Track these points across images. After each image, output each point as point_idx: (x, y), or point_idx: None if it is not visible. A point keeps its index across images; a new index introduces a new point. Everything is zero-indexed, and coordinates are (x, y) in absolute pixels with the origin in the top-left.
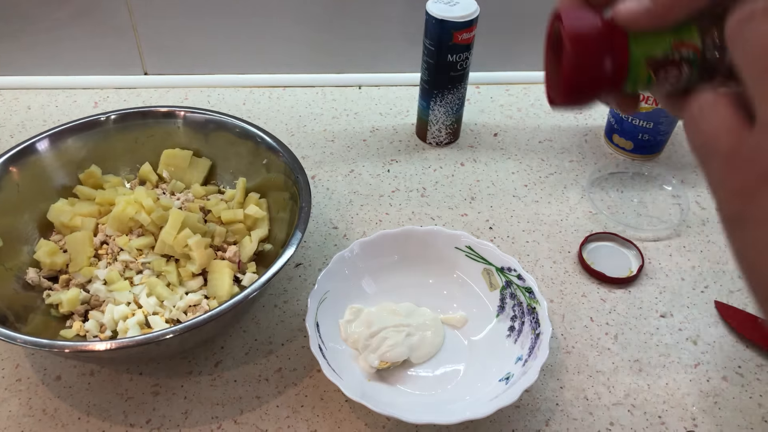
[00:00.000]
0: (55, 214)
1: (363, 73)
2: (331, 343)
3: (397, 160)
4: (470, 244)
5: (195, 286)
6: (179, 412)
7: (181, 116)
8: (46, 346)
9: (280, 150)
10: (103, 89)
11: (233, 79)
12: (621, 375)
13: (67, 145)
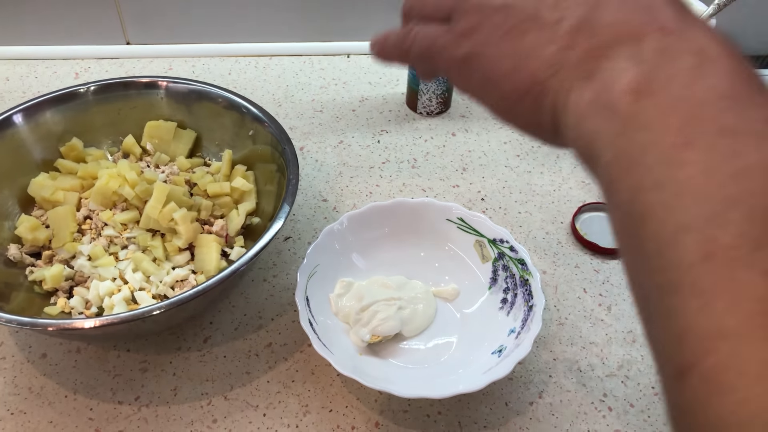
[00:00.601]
0: (36, 189)
1: (352, 41)
2: (321, 317)
3: (387, 130)
4: (462, 216)
5: (182, 260)
6: (168, 389)
7: (163, 87)
8: (29, 325)
9: (266, 121)
10: (84, 59)
11: (218, 48)
12: (614, 346)
13: (46, 118)
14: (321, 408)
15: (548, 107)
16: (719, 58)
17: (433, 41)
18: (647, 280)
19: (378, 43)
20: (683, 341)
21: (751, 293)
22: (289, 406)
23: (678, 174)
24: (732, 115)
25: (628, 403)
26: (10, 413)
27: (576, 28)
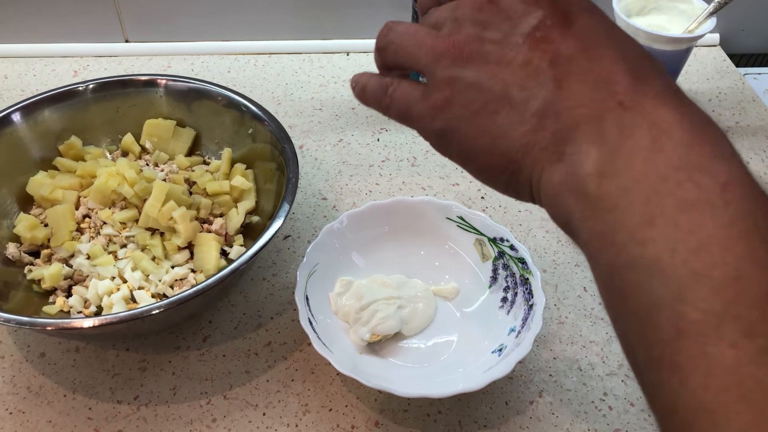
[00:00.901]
0: (34, 187)
1: (351, 39)
2: (321, 316)
3: (386, 128)
4: (462, 215)
5: (181, 259)
6: (167, 388)
7: (162, 85)
8: (28, 324)
9: (266, 119)
10: (83, 57)
11: (217, 46)
12: (615, 345)
13: (45, 116)
14: (321, 407)
15: (524, 182)
16: (673, 128)
17: (409, 108)
18: (634, 350)
19: (358, 89)
20: (671, 415)
21: (722, 366)
22: (288, 406)
23: (645, 253)
24: (689, 187)
25: (628, 402)
26: (9, 413)
27: (542, 110)
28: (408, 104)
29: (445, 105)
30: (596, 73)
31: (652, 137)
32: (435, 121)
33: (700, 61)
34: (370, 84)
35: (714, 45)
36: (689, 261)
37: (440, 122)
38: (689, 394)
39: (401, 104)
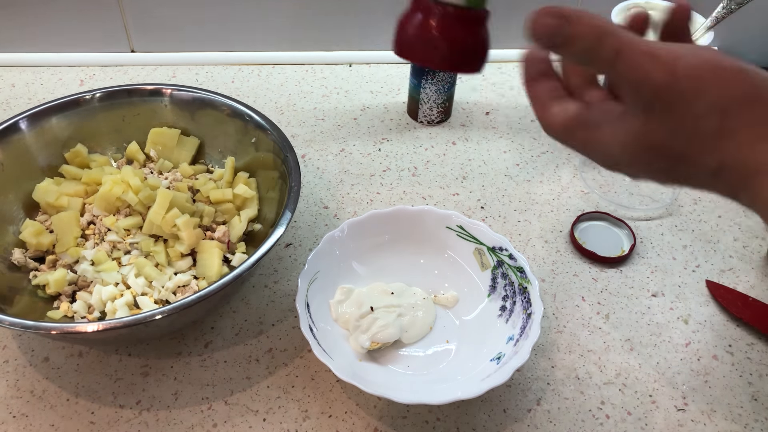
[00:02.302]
0: (40, 194)
1: (353, 50)
2: (321, 323)
3: (388, 139)
4: (461, 224)
5: (184, 266)
6: (169, 393)
7: (167, 94)
8: (33, 328)
9: (269, 128)
10: (89, 67)
11: (222, 56)
12: (612, 354)
13: (52, 124)
14: (320, 413)
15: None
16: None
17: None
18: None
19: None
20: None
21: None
22: (288, 411)
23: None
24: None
25: (625, 411)
26: (12, 416)
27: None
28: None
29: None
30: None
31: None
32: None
33: None
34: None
35: None
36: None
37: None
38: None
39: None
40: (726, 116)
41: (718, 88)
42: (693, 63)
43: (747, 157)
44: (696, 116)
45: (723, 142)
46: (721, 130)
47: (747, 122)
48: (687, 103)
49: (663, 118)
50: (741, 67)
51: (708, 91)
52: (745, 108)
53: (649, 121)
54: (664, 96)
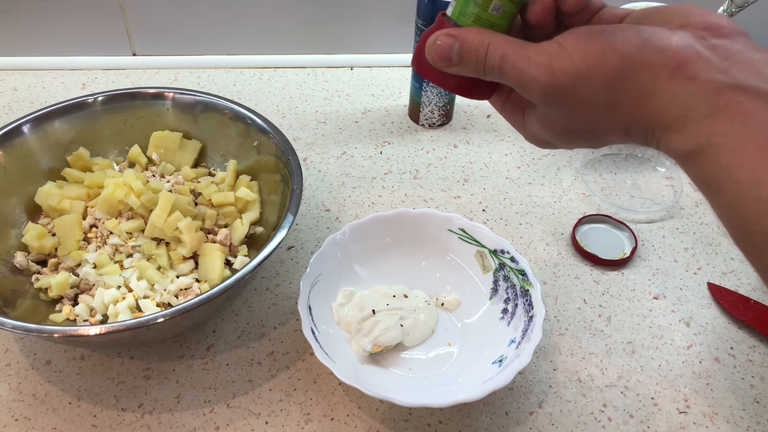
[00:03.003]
0: (43, 197)
1: (355, 53)
2: (323, 326)
3: (389, 142)
4: (463, 227)
5: (186, 269)
6: (171, 396)
7: (170, 98)
8: (35, 331)
9: (271, 132)
10: (91, 70)
11: (223, 60)
12: (614, 357)
13: (54, 127)
14: (322, 416)
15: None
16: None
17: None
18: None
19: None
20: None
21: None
22: (291, 414)
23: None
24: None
25: (627, 414)
26: (15, 419)
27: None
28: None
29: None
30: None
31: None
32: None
33: None
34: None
35: None
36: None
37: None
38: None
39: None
40: (609, 91)
41: (591, 75)
42: (566, 59)
43: (641, 119)
44: (583, 101)
45: (617, 112)
46: (611, 103)
47: (629, 90)
48: (570, 94)
49: (557, 108)
50: (608, 44)
51: (585, 78)
52: (618, 81)
53: (548, 112)
54: (549, 92)
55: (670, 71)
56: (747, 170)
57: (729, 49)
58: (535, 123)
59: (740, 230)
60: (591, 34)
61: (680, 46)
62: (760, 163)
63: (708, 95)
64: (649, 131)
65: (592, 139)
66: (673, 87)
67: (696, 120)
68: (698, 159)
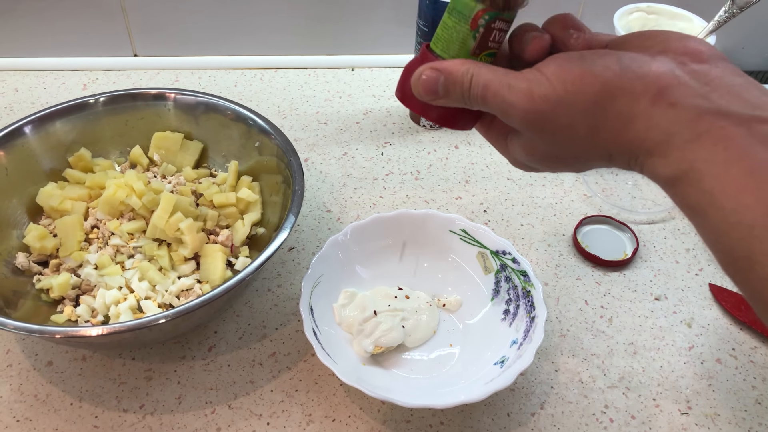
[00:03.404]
0: (44, 198)
1: (356, 54)
2: (325, 327)
3: (390, 142)
4: (465, 228)
5: (187, 270)
6: (173, 397)
7: (171, 98)
8: (37, 332)
9: (272, 132)
10: (92, 71)
11: (224, 60)
12: (616, 358)
13: (56, 128)
14: (324, 417)
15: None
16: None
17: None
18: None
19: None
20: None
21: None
22: (292, 415)
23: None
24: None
25: (629, 415)
26: (16, 420)
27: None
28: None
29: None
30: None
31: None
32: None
33: None
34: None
35: None
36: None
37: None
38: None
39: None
40: (590, 117)
41: (570, 101)
42: (545, 86)
43: (623, 144)
44: (564, 127)
45: (598, 138)
46: (592, 129)
47: (609, 116)
48: (550, 120)
49: (538, 134)
50: (587, 70)
51: (564, 104)
52: (598, 107)
53: (530, 138)
54: (529, 118)
55: (650, 97)
56: (730, 196)
57: (709, 75)
58: (518, 149)
59: (726, 255)
60: (571, 61)
61: (660, 72)
62: (743, 189)
63: (689, 121)
64: (632, 157)
65: (575, 164)
66: (654, 113)
67: (678, 146)
68: (681, 184)
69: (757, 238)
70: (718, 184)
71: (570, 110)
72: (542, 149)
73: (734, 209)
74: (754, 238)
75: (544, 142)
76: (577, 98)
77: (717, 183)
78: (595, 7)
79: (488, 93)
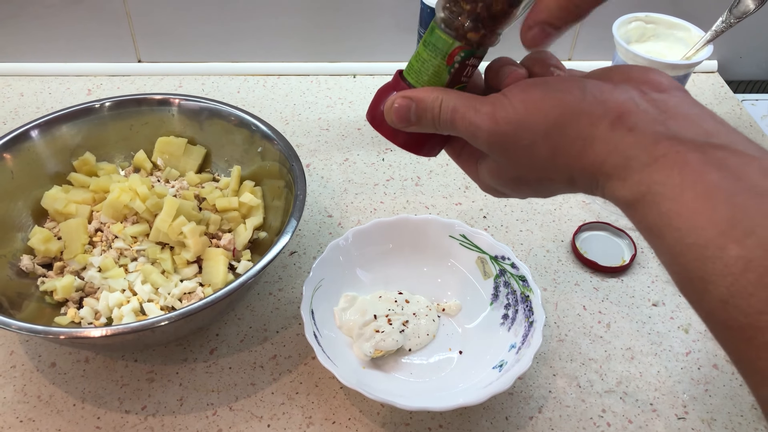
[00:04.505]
0: (49, 201)
1: (358, 62)
2: (326, 330)
3: (391, 149)
4: (464, 233)
5: (190, 273)
6: (174, 399)
7: (176, 104)
8: (42, 333)
9: (275, 138)
10: (96, 76)
11: (227, 67)
12: (613, 363)
13: (61, 132)
14: (324, 420)
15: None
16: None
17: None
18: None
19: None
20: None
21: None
22: (293, 418)
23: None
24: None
25: (626, 419)
26: (19, 421)
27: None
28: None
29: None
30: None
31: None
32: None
33: (698, 87)
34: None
35: (712, 71)
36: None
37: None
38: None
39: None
40: (550, 138)
41: (531, 122)
42: (508, 108)
43: (584, 167)
44: (525, 147)
45: (559, 160)
46: (552, 150)
47: (569, 138)
48: (513, 141)
49: (503, 156)
50: (548, 93)
51: (525, 125)
52: (559, 129)
53: (497, 161)
54: (493, 140)
55: (609, 121)
56: (686, 217)
57: (667, 103)
58: (486, 172)
59: (682, 276)
60: (535, 85)
61: (620, 99)
62: (698, 211)
63: (647, 145)
64: (593, 180)
65: (540, 189)
66: (613, 137)
67: (637, 169)
68: (640, 207)
69: (710, 258)
70: (674, 206)
71: (531, 132)
72: (507, 172)
73: (689, 230)
74: (707, 258)
75: (508, 164)
76: (538, 119)
77: (673, 205)
78: (595, 17)
79: (456, 116)
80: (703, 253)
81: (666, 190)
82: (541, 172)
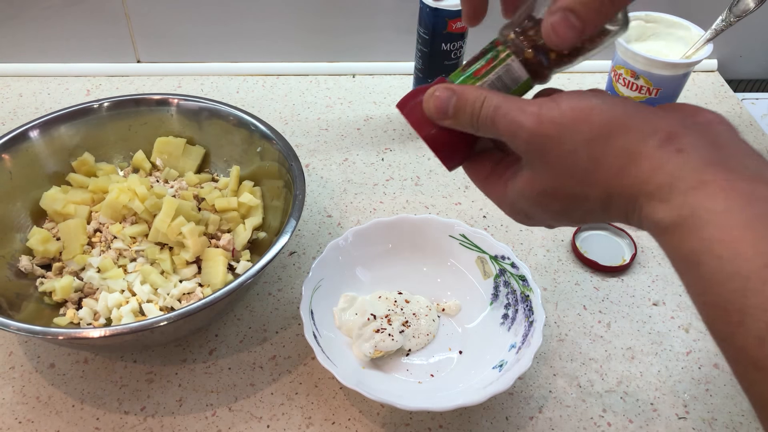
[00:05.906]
0: (48, 202)
1: (357, 61)
2: (325, 330)
3: (391, 148)
4: (464, 233)
5: (189, 273)
6: (174, 400)
7: (174, 104)
8: (40, 333)
9: (274, 138)
10: (95, 77)
11: (226, 67)
12: (614, 362)
13: (60, 133)
14: (324, 420)
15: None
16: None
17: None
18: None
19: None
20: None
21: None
22: (292, 418)
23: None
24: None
25: (626, 419)
26: (18, 422)
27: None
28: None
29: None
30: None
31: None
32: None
33: (698, 86)
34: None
35: (712, 70)
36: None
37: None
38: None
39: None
40: (593, 147)
41: (577, 128)
42: (555, 111)
43: (624, 185)
44: (567, 153)
45: (600, 172)
46: (594, 161)
47: (614, 150)
48: (555, 143)
49: (541, 160)
50: (598, 103)
51: (571, 129)
52: (604, 139)
53: (533, 170)
54: (534, 140)
55: (659, 139)
56: (729, 245)
57: (716, 134)
58: (516, 190)
59: (715, 308)
60: (585, 95)
61: (671, 122)
62: (743, 239)
63: (695, 168)
64: (631, 201)
65: (571, 208)
66: (660, 155)
67: (682, 191)
68: (679, 231)
69: (752, 291)
70: (717, 232)
71: (575, 137)
72: (541, 182)
73: (732, 258)
74: (748, 290)
75: (544, 171)
76: (584, 126)
77: (717, 231)
78: None
79: (498, 114)
80: (744, 284)
81: (710, 216)
82: (577, 186)
